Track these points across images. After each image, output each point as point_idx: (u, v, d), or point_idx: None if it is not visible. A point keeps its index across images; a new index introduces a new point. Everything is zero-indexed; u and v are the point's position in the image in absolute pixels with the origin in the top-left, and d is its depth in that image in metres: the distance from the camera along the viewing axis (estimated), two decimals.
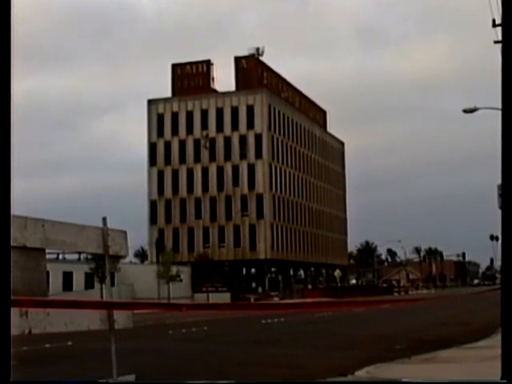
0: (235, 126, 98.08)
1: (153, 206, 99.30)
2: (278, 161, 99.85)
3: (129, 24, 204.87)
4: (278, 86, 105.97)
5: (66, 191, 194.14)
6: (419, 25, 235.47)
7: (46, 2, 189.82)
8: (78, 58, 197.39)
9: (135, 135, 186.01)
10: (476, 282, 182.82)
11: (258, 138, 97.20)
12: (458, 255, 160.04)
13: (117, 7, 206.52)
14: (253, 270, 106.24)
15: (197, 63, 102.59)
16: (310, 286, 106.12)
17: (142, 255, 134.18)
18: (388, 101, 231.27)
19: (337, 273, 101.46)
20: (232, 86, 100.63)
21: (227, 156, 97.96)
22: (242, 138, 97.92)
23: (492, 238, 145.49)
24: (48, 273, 8.28)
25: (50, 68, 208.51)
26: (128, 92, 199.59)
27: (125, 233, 8.26)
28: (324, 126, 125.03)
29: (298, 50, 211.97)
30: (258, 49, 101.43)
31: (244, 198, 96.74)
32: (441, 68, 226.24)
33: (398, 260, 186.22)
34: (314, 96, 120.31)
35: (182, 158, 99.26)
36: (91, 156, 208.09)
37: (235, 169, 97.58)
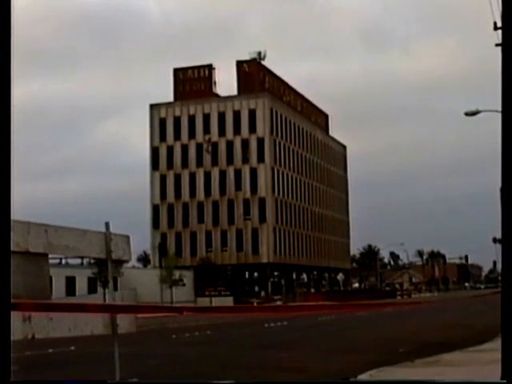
0: (237, 130, 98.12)
1: (155, 210, 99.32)
2: (280, 164, 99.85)
3: (131, 28, 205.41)
4: (279, 89, 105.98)
5: (69, 195, 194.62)
6: (422, 27, 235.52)
7: (49, 6, 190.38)
8: (81, 61, 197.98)
9: (137, 139, 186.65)
10: (467, 284, 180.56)
11: (260, 141, 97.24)
12: (461, 258, 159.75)
13: (120, 11, 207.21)
14: (255, 274, 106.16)
15: (199, 67, 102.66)
16: (312, 290, 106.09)
17: (144, 260, 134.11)
18: (390, 104, 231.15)
19: (339, 276, 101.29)
20: (234, 90, 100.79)
21: (229, 160, 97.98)
22: (244, 142, 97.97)
23: (495, 240, 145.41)
24: (51, 278, 8.28)
25: (52, 72, 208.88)
26: (130, 96, 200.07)
27: (127, 237, 8.25)
28: (326, 129, 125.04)
29: (300, 54, 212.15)
30: (259, 53, 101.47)
31: (246, 202, 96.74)
32: (444, 70, 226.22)
33: (400, 263, 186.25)
34: (316, 99, 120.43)
35: (185, 162, 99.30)
36: (94, 160, 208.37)
37: (237, 173, 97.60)
